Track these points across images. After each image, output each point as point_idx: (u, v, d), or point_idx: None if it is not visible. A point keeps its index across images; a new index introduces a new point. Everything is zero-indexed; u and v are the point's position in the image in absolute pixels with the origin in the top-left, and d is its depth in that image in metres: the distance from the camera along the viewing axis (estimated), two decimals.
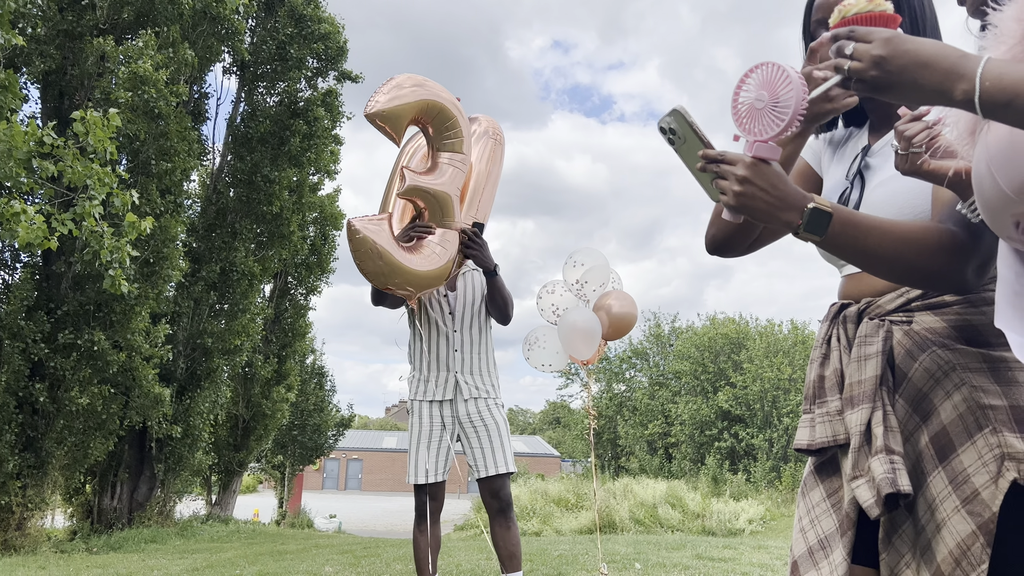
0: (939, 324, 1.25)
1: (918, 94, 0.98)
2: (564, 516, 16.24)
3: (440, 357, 3.50)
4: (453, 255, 3.20)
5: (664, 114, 1.21)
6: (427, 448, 3.42)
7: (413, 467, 3.43)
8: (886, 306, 1.30)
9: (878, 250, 1.16)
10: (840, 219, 1.14)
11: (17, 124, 5.79)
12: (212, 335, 11.72)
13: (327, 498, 35.90)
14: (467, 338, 3.53)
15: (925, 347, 1.24)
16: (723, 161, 1.14)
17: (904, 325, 1.27)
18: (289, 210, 12.71)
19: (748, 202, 1.13)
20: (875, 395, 1.22)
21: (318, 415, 20.30)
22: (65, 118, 9.14)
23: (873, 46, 0.98)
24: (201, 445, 11.73)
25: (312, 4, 12.90)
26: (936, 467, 1.20)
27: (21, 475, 9.05)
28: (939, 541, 1.17)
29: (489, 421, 3.44)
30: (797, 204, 1.13)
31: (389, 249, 3.03)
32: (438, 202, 3.15)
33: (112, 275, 6.39)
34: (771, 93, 1.12)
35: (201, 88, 12.39)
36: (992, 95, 0.90)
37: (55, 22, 9.36)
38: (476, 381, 3.50)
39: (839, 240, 1.16)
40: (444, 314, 3.52)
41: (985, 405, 1.17)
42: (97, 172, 6.07)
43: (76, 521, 11.21)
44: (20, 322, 8.80)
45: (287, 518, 20.41)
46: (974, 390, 1.18)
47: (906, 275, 1.20)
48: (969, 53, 0.95)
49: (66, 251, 9.13)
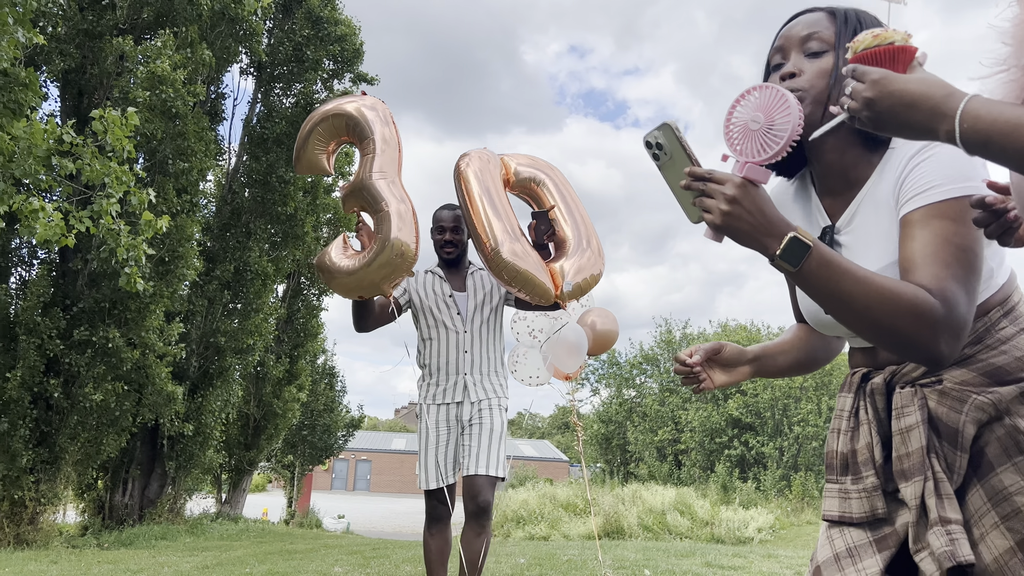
0: (969, 375, 1.23)
1: (909, 133, 1.01)
2: (572, 521, 16.20)
3: (450, 359, 3.45)
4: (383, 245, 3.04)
5: (651, 128, 1.19)
6: (436, 453, 3.38)
7: (424, 472, 3.38)
8: (911, 373, 1.27)
9: (848, 298, 1.12)
10: (818, 255, 1.11)
11: (37, 122, 5.85)
12: (225, 334, 11.77)
13: (336, 498, 35.97)
14: (477, 338, 3.48)
15: (965, 399, 1.22)
16: (711, 180, 1.13)
17: (936, 386, 1.24)
18: (303, 211, 12.76)
19: (733, 223, 1.11)
20: (924, 466, 1.20)
21: (328, 415, 20.35)
22: (84, 116, 9.22)
23: (865, 87, 1.00)
24: (212, 443, 11.78)
25: (329, 6, 12.97)
26: (975, 484, 1.20)
27: (34, 470, 9.12)
28: (976, 556, 1.16)
29: (486, 422, 3.38)
30: (779, 231, 1.11)
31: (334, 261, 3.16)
32: (367, 193, 3.13)
33: (128, 273, 6.43)
34: (767, 116, 1.13)
35: (218, 88, 12.46)
36: (970, 135, 0.92)
37: (75, 21, 9.45)
38: (485, 383, 3.45)
39: (811, 277, 1.12)
40: (452, 314, 3.47)
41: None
42: (115, 170, 6.12)
43: (88, 517, 11.28)
44: (36, 318, 8.88)
45: (296, 518, 20.46)
46: (1012, 416, 1.19)
47: (872, 332, 1.15)
48: (956, 90, 0.96)
49: (83, 248, 9.20)
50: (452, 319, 3.48)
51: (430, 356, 3.49)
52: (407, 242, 3.05)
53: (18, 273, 9.81)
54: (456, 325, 3.47)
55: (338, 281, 3.15)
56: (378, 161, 3.14)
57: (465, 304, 3.51)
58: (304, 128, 3.34)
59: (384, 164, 3.15)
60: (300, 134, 3.34)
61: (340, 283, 3.16)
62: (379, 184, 3.11)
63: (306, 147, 3.31)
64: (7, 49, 5.59)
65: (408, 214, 3.10)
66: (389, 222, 3.03)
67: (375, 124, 3.20)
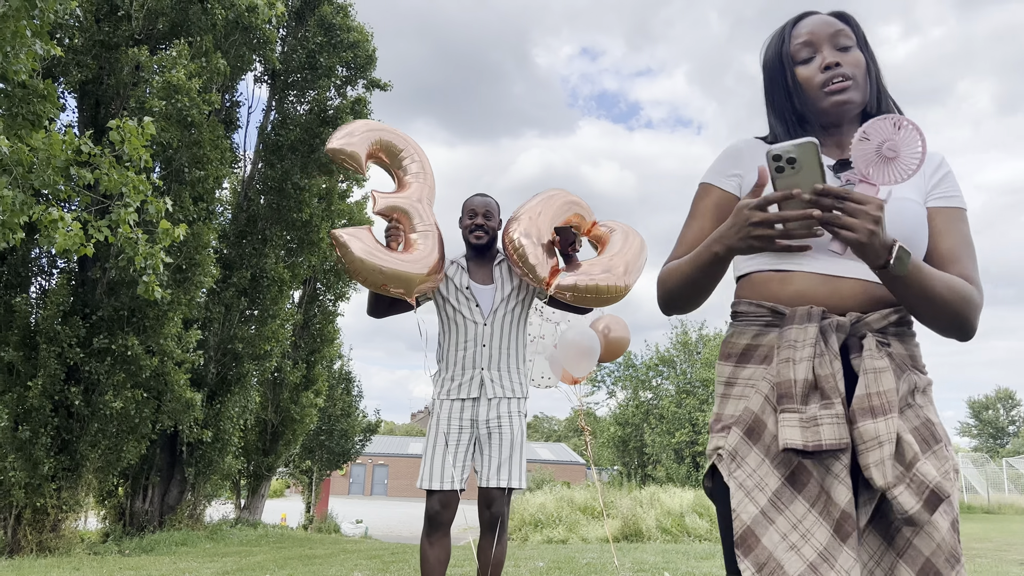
0: (902, 352, 1.40)
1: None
2: (590, 524, 16.15)
3: (467, 353, 3.34)
4: (436, 255, 3.30)
5: (787, 142, 1.23)
6: (444, 452, 3.25)
7: (428, 470, 3.24)
8: (873, 325, 1.38)
9: (939, 296, 1.30)
10: (914, 261, 1.27)
11: (56, 133, 5.91)
12: (242, 340, 11.84)
13: (353, 503, 36.06)
14: (496, 332, 3.37)
15: (903, 369, 1.38)
16: (851, 200, 1.21)
17: (887, 347, 1.37)
18: (319, 217, 12.83)
19: (873, 239, 1.22)
20: (897, 404, 1.30)
21: (345, 420, 20.43)
22: (101, 127, 9.32)
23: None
24: (231, 449, 11.84)
25: (342, 13, 13.03)
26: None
27: (56, 477, 9.20)
28: (924, 538, 1.28)
29: (506, 431, 3.27)
30: (889, 243, 1.25)
31: (375, 252, 3.20)
32: (408, 213, 3.37)
33: (146, 281, 6.48)
34: (901, 146, 1.27)
35: (233, 97, 12.56)
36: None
37: (92, 33, 9.55)
38: (503, 379, 3.34)
39: (912, 280, 1.28)
40: (471, 306, 3.38)
41: (932, 421, 1.36)
42: (132, 180, 6.17)
43: (109, 523, 11.37)
44: (56, 327, 8.96)
45: (314, 523, 20.54)
46: (922, 408, 1.37)
47: (948, 321, 1.34)
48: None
49: (101, 257, 9.29)
50: (471, 310, 3.38)
51: (447, 349, 3.40)
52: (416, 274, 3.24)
53: (38, 282, 9.92)
54: (475, 316, 3.38)
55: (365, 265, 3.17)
56: (427, 192, 3.49)
57: (487, 296, 3.41)
58: (359, 125, 3.53)
59: (430, 196, 3.50)
60: (353, 126, 3.50)
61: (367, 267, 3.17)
62: (427, 209, 3.44)
63: (355, 138, 3.43)
64: (26, 61, 5.66)
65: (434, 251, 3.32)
66: (435, 240, 3.33)
67: (425, 164, 3.58)
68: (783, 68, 1.51)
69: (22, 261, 9.48)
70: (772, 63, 1.54)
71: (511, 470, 3.24)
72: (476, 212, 3.52)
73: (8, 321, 9.09)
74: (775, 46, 1.54)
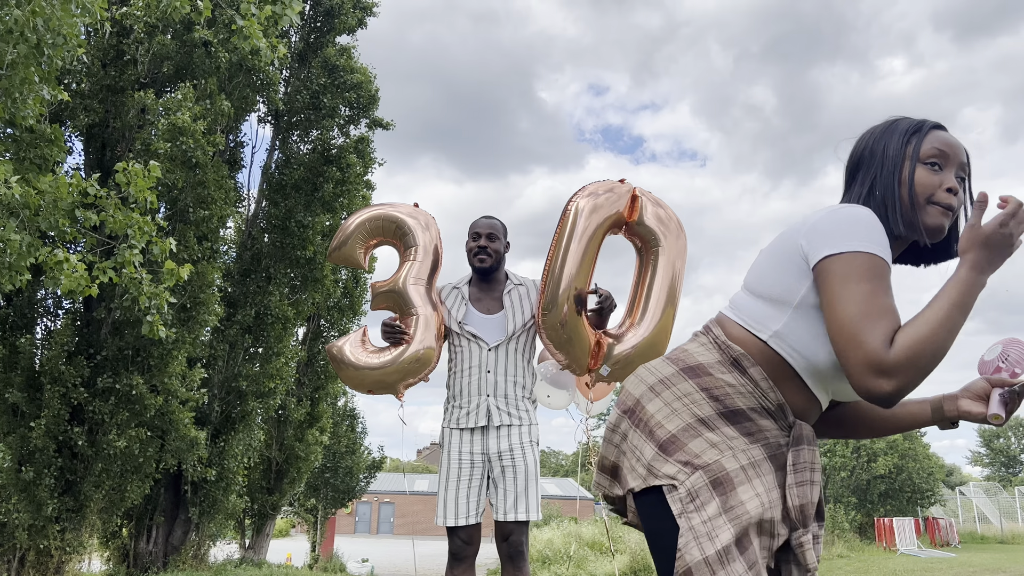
0: None
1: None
2: (599, 560, 15.96)
3: (471, 379, 3.26)
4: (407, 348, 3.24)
5: None
6: (457, 488, 3.20)
7: (443, 507, 3.21)
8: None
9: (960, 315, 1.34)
10: None
11: (62, 176, 6.00)
12: (247, 378, 11.85)
13: (359, 542, 35.69)
14: (502, 358, 3.27)
15: None
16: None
17: None
18: (322, 254, 12.91)
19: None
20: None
21: (350, 457, 20.32)
22: (107, 169, 9.44)
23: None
24: (235, 488, 11.79)
25: (345, 55, 13.25)
26: None
27: (60, 519, 9.16)
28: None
29: (520, 464, 3.19)
30: None
31: (350, 355, 3.31)
32: (399, 298, 3.33)
33: (150, 320, 6.52)
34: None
35: (237, 137, 12.72)
36: None
37: (98, 77, 9.73)
38: (510, 408, 3.24)
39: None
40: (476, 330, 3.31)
41: None
42: (137, 221, 6.25)
43: (113, 565, 11.28)
44: (61, 367, 9.00)
45: (320, 562, 20.32)
46: None
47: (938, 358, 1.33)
48: None
49: (106, 297, 9.36)
50: (477, 334, 3.30)
51: (453, 375, 3.33)
52: (429, 348, 3.26)
53: (43, 323, 9.97)
54: (479, 341, 3.29)
55: (348, 374, 3.32)
56: (416, 268, 3.38)
57: (492, 326, 3.31)
58: (350, 222, 3.53)
59: (420, 271, 3.38)
60: (344, 228, 3.52)
61: (350, 376, 3.32)
62: (412, 290, 3.33)
63: (347, 241, 3.49)
64: (33, 106, 5.77)
65: (433, 320, 3.29)
66: (416, 327, 3.25)
67: (418, 232, 3.45)
68: (903, 159, 1.49)
69: (28, 303, 9.55)
70: (896, 148, 1.51)
71: (528, 503, 3.19)
72: (480, 234, 3.37)
73: (13, 362, 9.13)
74: (906, 132, 1.52)
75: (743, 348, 1.47)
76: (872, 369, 1.27)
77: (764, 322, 1.47)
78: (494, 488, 3.24)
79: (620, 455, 1.54)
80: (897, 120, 1.56)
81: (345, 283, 16.20)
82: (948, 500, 32.17)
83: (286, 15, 6.21)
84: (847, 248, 1.35)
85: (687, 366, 1.50)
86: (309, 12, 13.32)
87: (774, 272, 1.48)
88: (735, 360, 1.46)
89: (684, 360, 1.51)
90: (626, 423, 1.53)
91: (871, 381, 1.27)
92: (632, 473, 1.49)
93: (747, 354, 1.46)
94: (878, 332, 1.28)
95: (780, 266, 1.47)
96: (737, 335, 1.50)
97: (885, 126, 1.56)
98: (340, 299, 16.10)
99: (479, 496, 3.23)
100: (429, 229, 3.47)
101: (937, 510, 29.97)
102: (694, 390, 1.46)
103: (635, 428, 1.50)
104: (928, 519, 23.76)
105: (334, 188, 12.61)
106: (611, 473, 1.58)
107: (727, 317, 1.55)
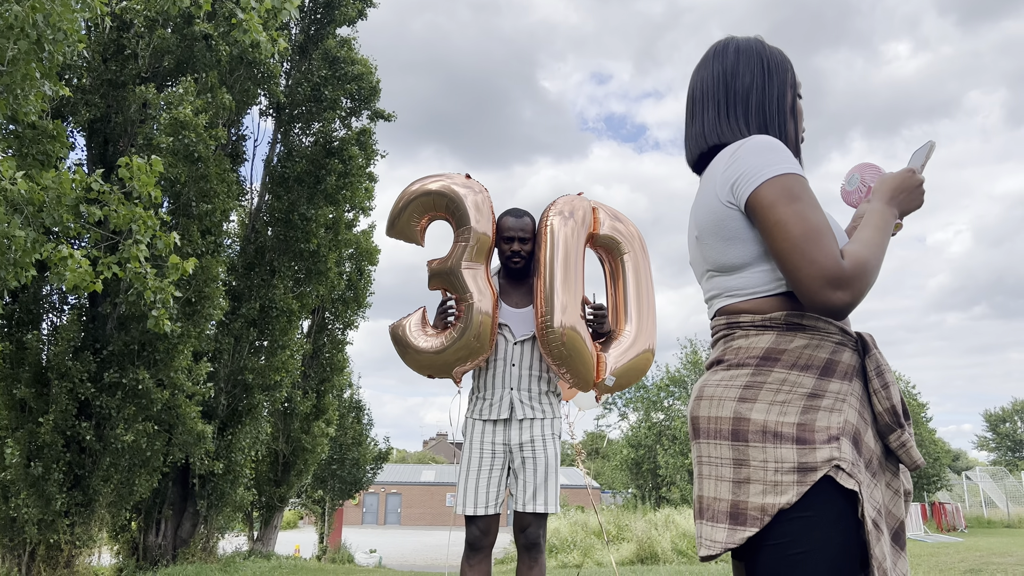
0: None
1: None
2: (605, 548, 16.02)
3: (496, 371, 3.30)
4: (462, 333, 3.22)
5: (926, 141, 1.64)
6: (478, 477, 3.23)
7: (462, 496, 3.22)
8: None
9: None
10: None
11: (65, 172, 6.00)
12: (252, 371, 11.89)
13: (367, 533, 35.86)
14: (527, 352, 3.30)
15: None
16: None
17: None
18: (326, 247, 12.92)
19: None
20: None
21: (356, 449, 20.39)
22: (110, 164, 9.45)
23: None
24: (243, 481, 11.84)
25: (346, 47, 13.22)
26: None
27: (69, 513, 9.22)
28: None
29: (540, 456, 3.23)
30: None
31: (413, 339, 3.33)
32: (454, 279, 3.29)
33: (156, 315, 6.53)
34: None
35: (239, 130, 12.72)
36: None
37: (99, 72, 9.72)
38: (533, 401, 3.28)
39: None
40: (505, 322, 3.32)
41: None
42: (141, 216, 6.25)
43: (122, 558, 11.35)
44: (68, 362, 9.03)
45: (327, 553, 20.43)
46: None
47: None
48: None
49: (111, 292, 9.38)
50: (504, 325, 3.32)
51: (479, 367, 3.35)
52: (485, 329, 3.23)
53: (49, 319, 10.01)
54: (505, 334, 3.31)
55: (412, 358, 3.33)
56: (470, 251, 3.31)
57: (521, 319, 3.32)
58: (403, 197, 3.44)
59: (475, 256, 3.32)
60: (397, 202, 3.45)
61: (414, 360, 3.33)
62: (467, 274, 3.28)
63: (401, 217, 3.44)
64: (35, 102, 5.77)
65: (486, 304, 3.25)
66: (471, 312, 3.21)
67: (472, 212, 3.35)
68: (789, 89, 1.62)
69: (33, 299, 9.58)
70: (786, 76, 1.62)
71: (547, 495, 3.21)
72: (512, 237, 3.35)
73: (20, 358, 9.17)
74: (788, 65, 1.64)
75: (777, 311, 1.45)
76: (829, 282, 1.33)
77: (763, 282, 1.47)
78: (514, 479, 3.27)
79: (737, 487, 1.40)
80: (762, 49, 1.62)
81: (349, 275, 16.23)
82: (954, 485, 32.21)
83: (285, 8, 6.19)
84: (770, 174, 1.41)
85: (760, 360, 1.43)
86: (309, 4, 13.28)
87: (728, 241, 1.48)
88: (787, 324, 1.44)
89: (747, 361, 1.44)
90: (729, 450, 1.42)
91: (828, 294, 1.34)
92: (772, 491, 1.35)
93: (786, 312, 1.44)
94: (829, 247, 1.35)
95: (729, 231, 1.48)
96: (760, 307, 1.47)
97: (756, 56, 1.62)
98: (344, 291, 16.14)
99: (499, 487, 3.25)
100: (483, 211, 3.37)
101: (943, 495, 30.01)
102: (784, 373, 1.42)
103: (751, 445, 1.39)
104: (935, 504, 23.79)
105: (336, 180, 12.61)
106: (730, 517, 1.40)
107: (732, 305, 1.51)
